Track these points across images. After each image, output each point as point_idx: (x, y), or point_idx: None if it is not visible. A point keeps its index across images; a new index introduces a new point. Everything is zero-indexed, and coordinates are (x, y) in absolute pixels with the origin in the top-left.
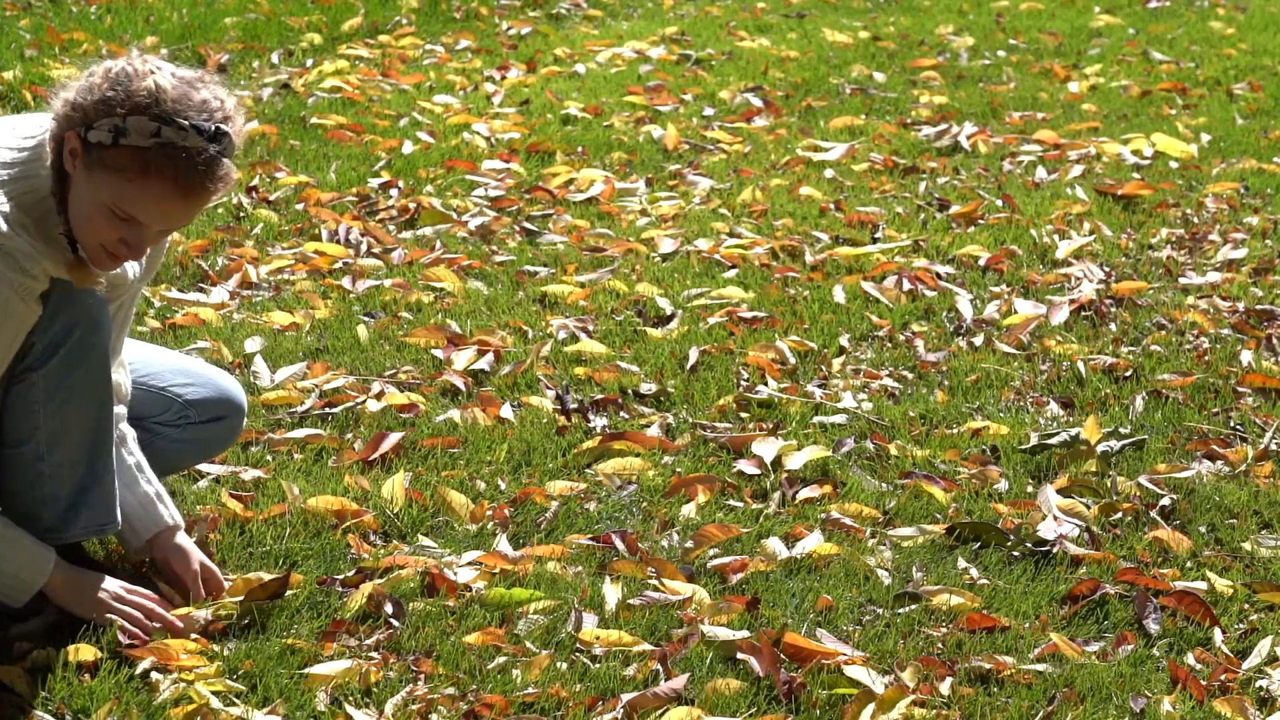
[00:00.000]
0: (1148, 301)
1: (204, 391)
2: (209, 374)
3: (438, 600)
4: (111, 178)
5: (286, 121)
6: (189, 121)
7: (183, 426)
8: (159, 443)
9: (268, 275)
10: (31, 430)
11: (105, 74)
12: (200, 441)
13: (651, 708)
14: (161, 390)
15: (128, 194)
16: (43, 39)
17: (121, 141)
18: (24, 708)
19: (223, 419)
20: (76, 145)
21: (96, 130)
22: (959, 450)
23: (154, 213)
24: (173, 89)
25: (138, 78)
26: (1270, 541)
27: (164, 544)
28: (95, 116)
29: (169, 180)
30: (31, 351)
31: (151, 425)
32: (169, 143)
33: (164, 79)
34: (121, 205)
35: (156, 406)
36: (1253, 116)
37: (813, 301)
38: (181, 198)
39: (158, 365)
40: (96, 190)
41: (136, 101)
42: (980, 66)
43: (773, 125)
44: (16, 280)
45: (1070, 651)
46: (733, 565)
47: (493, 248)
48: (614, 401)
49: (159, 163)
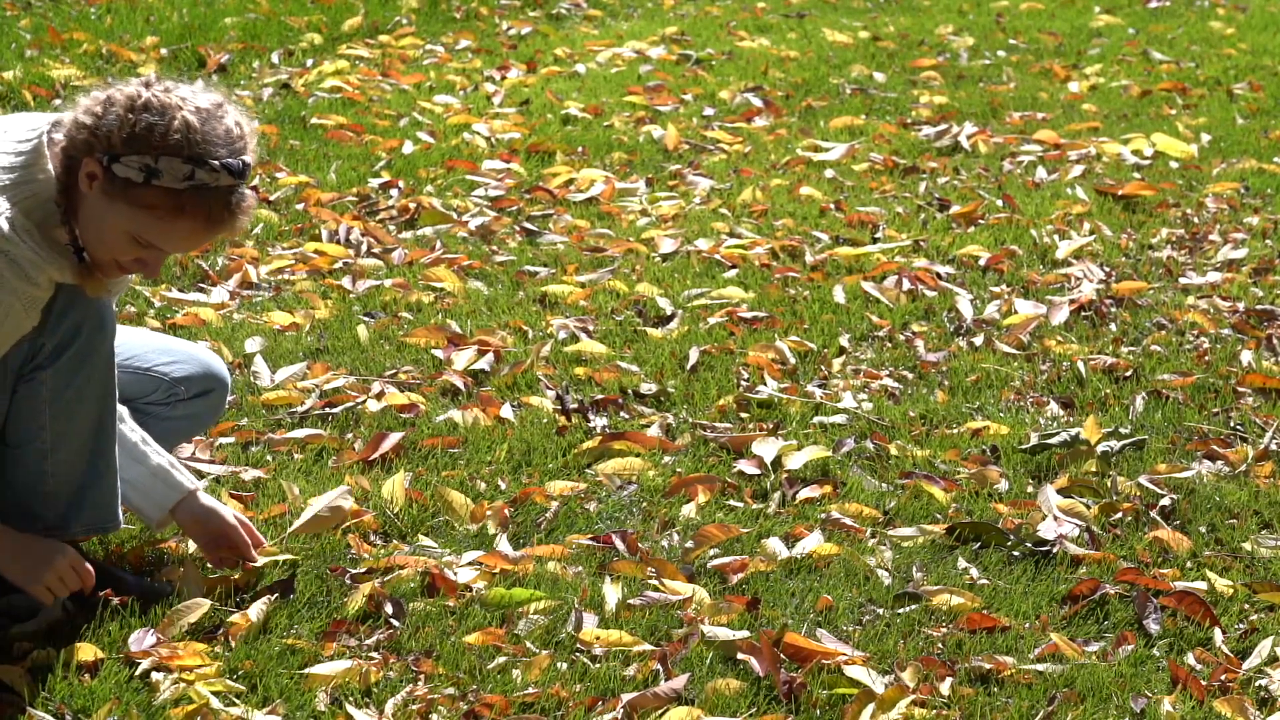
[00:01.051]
0: (1148, 301)
1: (189, 367)
2: (189, 350)
3: (438, 600)
4: (138, 212)
5: (286, 121)
6: (219, 161)
7: (172, 404)
8: (150, 423)
9: (268, 275)
10: (37, 429)
11: (128, 103)
12: (190, 417)
13: (651, 708)
14: (147, 371)
15: (155, 229)
16: (43, 39)
17: (154, 182)
18: (24, 708)
19: (210, 392)
20: (97, 171)
21: (125, 166)
22: (959, 450)
23: (179, 244)
24: (201, 124)
25: (166, 112)
26: (1270, 541)
27: (189, 508)
28: (122, 149)
29: (201, 218)
30: (42, 352)
31: (142, 406)
32: (202, 184)
33: (191, 114)
34: (146, 236)
35: (145, 388)
36: (1253, 116)
37: (813, 301)
38: (209, 231)
39: (139, 347)
40: (119, 219)
41: (170, 142)
42: (980, 66)
43: (773, 125)
44: (22, 289)
45: (1070, 651)
46: (733, 565)
47: (493, 248)
48: (614, 401)
49: (193, 204)
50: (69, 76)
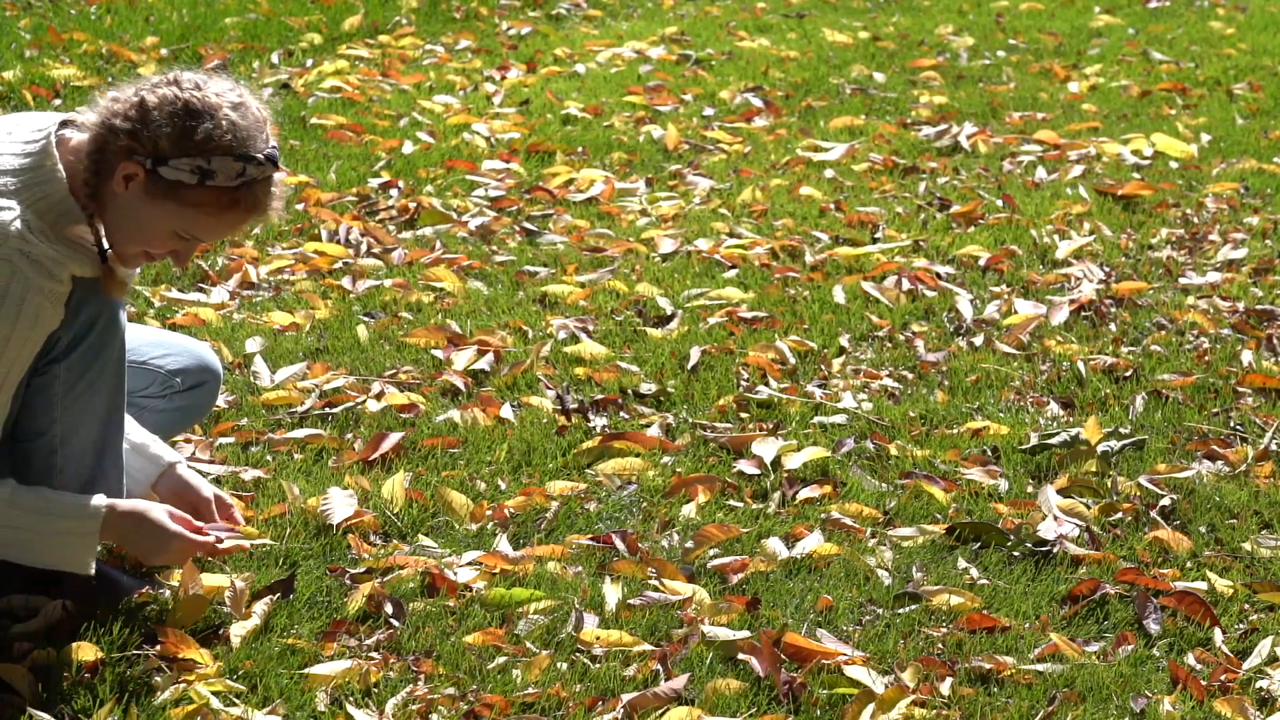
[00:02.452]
0: (1148, 301)
1: (183, 360)
2: (182, 342)
3: (438, 600)
4: (187, 210)
5: (286, 121)
6: (263, 154)
7: (168, 396)
8: (146, 416)
9: (268, 275)
10: (49, 423)
11: (163, 104)
12: (184, 409)
13: (651, 708)
14: (142, 365)
15: (203, 224)
16: (43, 39)
17: (208, 183)
18: (24, 708)
19: (203, 384)
20: (138, 173)
21: (174, 169)
22: (959, 450)
23: (223, 235)
24: (241, 120)
25: (212, 114)
26: (1270, 541)
27: (169, 480)
28: (171, 152)
29: (247, 209)
30: (57, 346)
31: (137, 400)
32: (252, 179)
33: (231, 111)
34: (192, 231)
35: (140, 381)
36: (1253, 116)
37: (813, 301)
38: (254, 220)
39: (133, 340)
40: (163, 217)
41: (223, 143)
42: (980, 66)
43: (773, 125)
44: (47, 287)
45: (1070, 651)
46: (733, 565)
47: (493, 248)
48: (614, 401)
49: (245, 199)
50: (69, 76)
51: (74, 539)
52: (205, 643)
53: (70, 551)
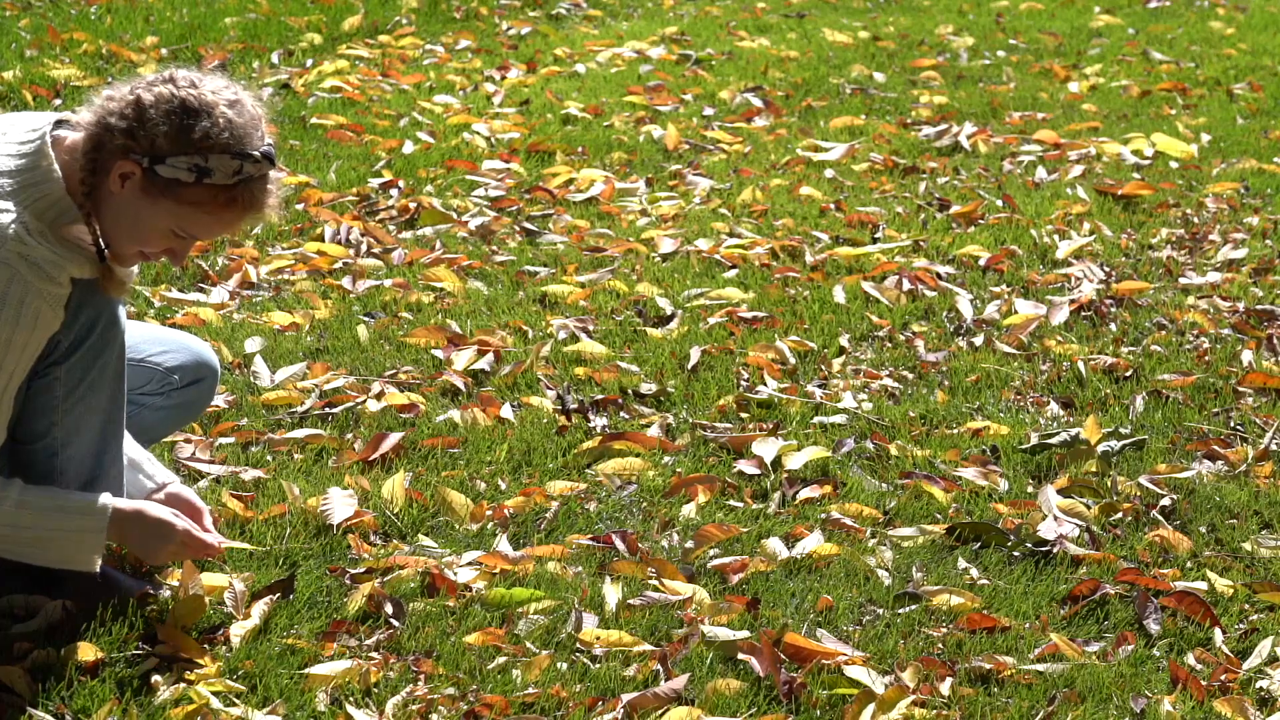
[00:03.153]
0: (1148, 301)
1: (181, 356)
2: (179, 338)
3: (438, 600)
4: (184, 208)
5: (286, 121)
6: (259, 151)
7: (166, 393)
8: (145, 414)
9: (268, 275)
10: (50, 425)
11: (159, 102)
12: (182, 406)
13: (651, 708)
14: (140, 362)
15: (201, 222)
16: (43, 39)
17: (205, 181)
18: (24, 708)
19: (201, 380)
20: (135, 171)
21: (172, 167)
22: (959, 450)
23: (221, 233)
24: (237, 118)
25: (209, 112)
26: (1270, 541)
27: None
28: (168, 151)
29: (245, 206)
30: (58, 348)
31: (136, 398)
32: (249, 176)
33: (227, 109)
34: (189, 230)
35: (139, 379)
36: (1253, 116)
37: (813, 301)
38: (252, 217)
39: (129, 338)
40: (160, 215)
41: (220, 141)
42: (980, 66)
43: (773, 125)
44: (47, 290)
45: (1070, 652)
46: (733, 565)
47: (493, 248)
48: (614, 401)
49: (243, 197)
50: (69, 76)
51: (82, 537)
52: (205, 643)
53: (78, 550)
